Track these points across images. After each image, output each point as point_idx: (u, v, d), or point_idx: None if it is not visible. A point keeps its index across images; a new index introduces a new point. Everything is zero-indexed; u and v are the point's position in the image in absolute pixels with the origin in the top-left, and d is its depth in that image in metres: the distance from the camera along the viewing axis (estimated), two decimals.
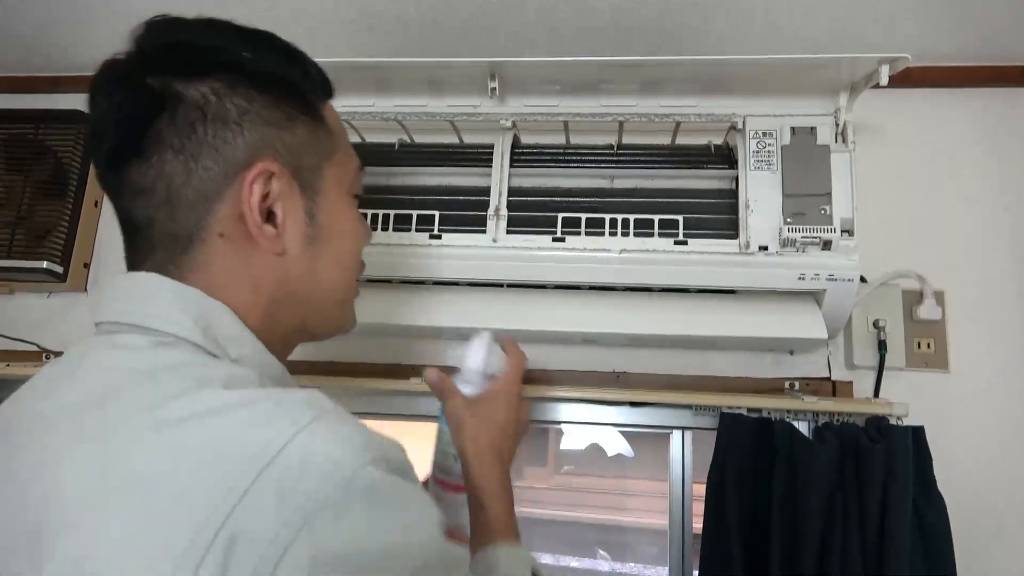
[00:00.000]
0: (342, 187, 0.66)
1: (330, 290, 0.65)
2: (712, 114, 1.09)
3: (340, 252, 0.65)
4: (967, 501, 1.12)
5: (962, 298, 1.24)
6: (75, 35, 1.42)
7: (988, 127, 1.30)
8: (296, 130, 0.60)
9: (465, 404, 0.84)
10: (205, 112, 0.56)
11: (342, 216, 0.65)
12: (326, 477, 0.43)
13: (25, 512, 0.47)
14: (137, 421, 0.46)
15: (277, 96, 0.60)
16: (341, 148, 0.67)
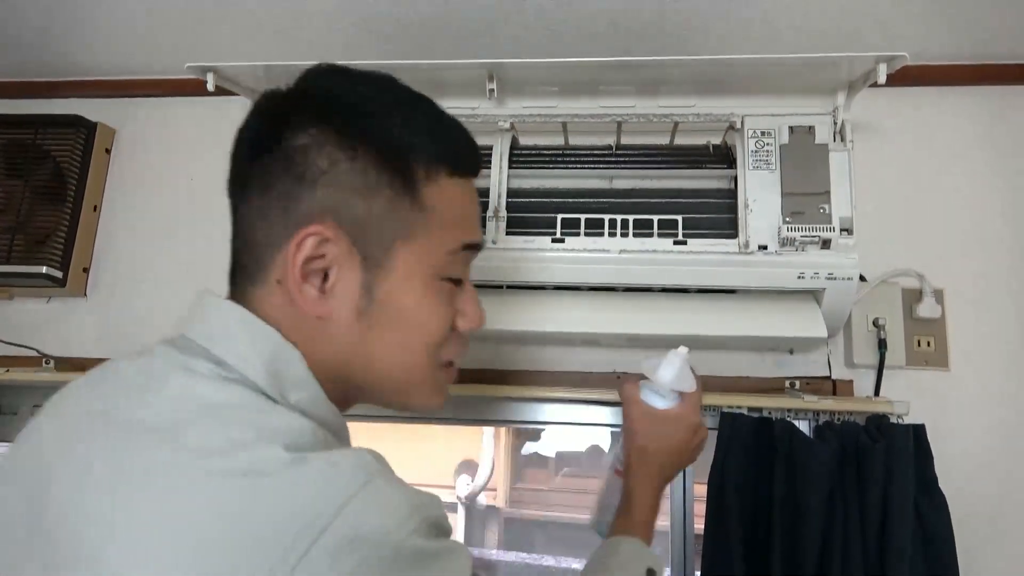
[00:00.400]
0: (421, 269, 0.59)
1: (390, 372, 0.61)
2: (710, 114, 1.09)
3: (405, 336, 0.60)
4: (968, 499, 1.12)
5: (962, 296, 1.24)
6: (74, 40, 1.42)
7: (987, 125, 1.31)
8: (375, 200, 0.57)
9: (644, 415, 0.84)
10: (289, 164, 0.57)
11: (413, 300, 0.59)
12: (376, 547, 0.45)
13: (43, 509, 0.48)
14: (199, 466, 0.46)
15: (365, 162, 0.57)
16: (435, 229, 0.60)
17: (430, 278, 0.60)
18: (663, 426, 0.84)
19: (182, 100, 1.52)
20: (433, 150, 0.60)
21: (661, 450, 0.83)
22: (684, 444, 0.84)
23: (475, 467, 2.93)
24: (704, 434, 0.87)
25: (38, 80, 1.57)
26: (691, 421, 0.84)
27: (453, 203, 0.61)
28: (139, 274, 1.46)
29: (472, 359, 1.29)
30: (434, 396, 0.65)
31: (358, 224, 0.57)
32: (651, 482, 0.83)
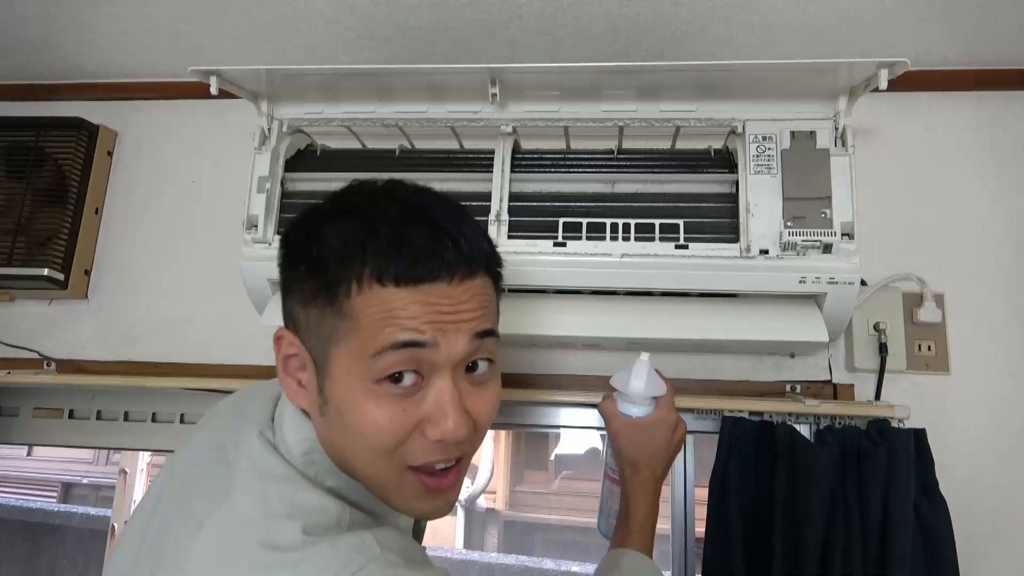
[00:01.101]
0: (353, 373, 0.61)
1: (361, 475, 0.64)
2: (712, 119, 1.09)
3: (355, 440, 0.62)
4: (969, 503, 1.13)
5: (962, 300, 1.24)
6: (76, 43, 1.42)
7: (987, 130, 1.31)
8: (311, 309, 0.63)
9: (626, 427, 0.90)
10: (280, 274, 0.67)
11: (351, 404, 0.61)
12: None
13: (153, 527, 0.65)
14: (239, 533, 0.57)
15: (304, 276, 0.63)
16: (357, 334, 0.60)
17: (364, 382, 0.60)
18: (645, 433, 0.89)
19: (184, 103, 1.53)
20: (356, 264, 0.60)
21: (649, 456, 0.89)
22: (667, 443, 0.90)
23: (475, 470, 2.93)
24: (683, 428, 0.92)
25: (40, 83, 1.57)
26: (669, 421, 0.90)
27: (379, 309, 0.60)
28: (140, 276, 1.46)
29: None
30: (413, 502, 0.64)
31: (304, 329, 0.64)
32: (645, 488, 0.89)
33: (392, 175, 1.14)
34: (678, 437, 0.92)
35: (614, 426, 0.91)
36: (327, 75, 1.10)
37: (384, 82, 1.12)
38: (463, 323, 0.62)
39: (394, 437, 0.61)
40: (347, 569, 0.53)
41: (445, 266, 0.61)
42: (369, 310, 0.60)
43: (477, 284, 0.64)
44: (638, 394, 0.88)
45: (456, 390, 0.62)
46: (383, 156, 1.20)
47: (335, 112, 1.16)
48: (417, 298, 0.60)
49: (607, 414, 0.92)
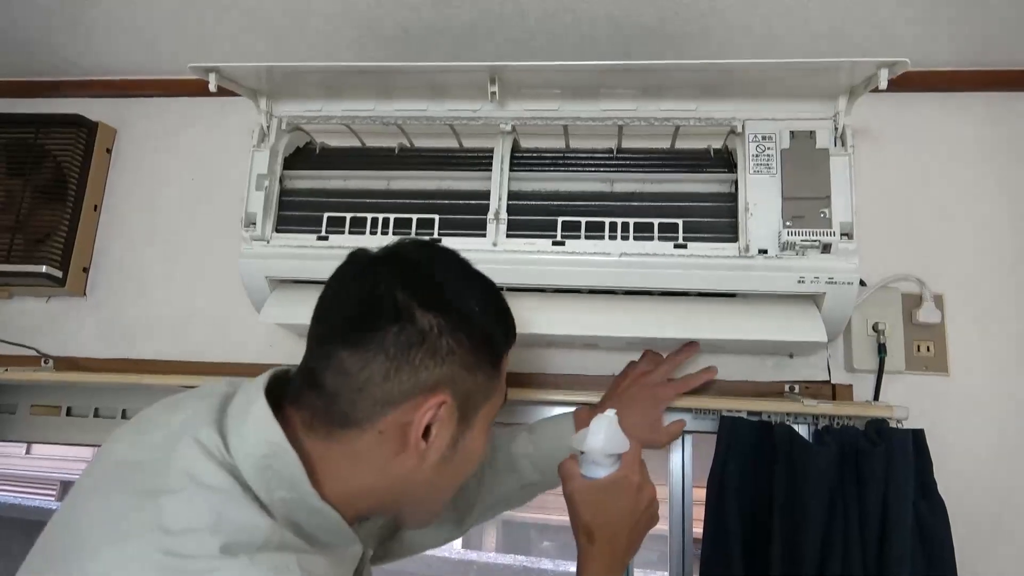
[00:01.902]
0: (488, 420, 0.76)
1: (440, 496, 0.77)
2: (711, 118, 1.09)
3: (463, 470, 0.75)
4: (967, 504, 1.12)
5: (961, 301, 1.24)
6: (75, 40, 1.42)
7: (987, 131, 1.31)
8: (478, 376, 0.72)
9: (581, 490, 0.83)
10: (424, 339, 0.67)
11: (479, 445, 0.75)
12: None
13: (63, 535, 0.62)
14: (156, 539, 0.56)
15: (478, 348, 0.71)
16: (499, 389, 0.77)
17: (489, 425, 0.76)
18: (603, 494, 0.82)
19: (183, 100, 1.52)
20: (507, 339, 0.77)
21: (606, 522, 0.81)
22: (630, 509, 0.82)
23: None
24: (651, 493, 0.84)
25: (39, 80, 1.57)
26: (631, 481, 0.82)
27: (503, 372, 0.77)
28: (139, 274, 1.46)
29: None
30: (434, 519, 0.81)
31: (466, 393, 0.71)
32: (600, 561, 0.81)
33: (392, 173, 1.15)
34: (644, 502, 0.83)
35: (568, 487, 0.83)
36: (327, 72, 1.10)
37: (384, 80, 1.11)
38: None
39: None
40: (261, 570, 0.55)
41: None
42: (503, 374, 0.77)
43: None
44: (596, 450, 0.82)
45: None
46: (382, 154, 1.20)
47: (334, 110, 1.16)
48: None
49: (564, 474, 0.85)
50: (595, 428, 0.83)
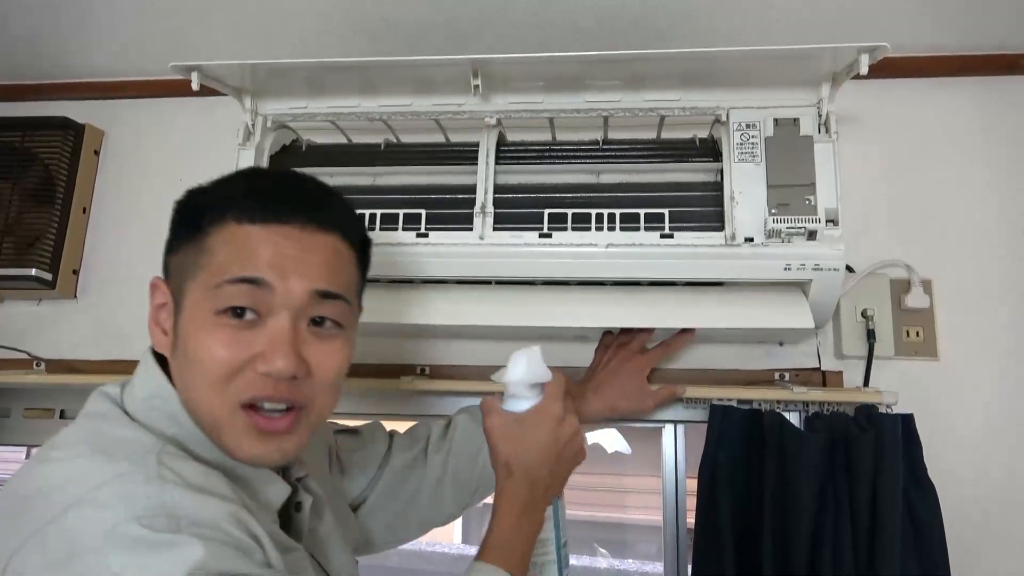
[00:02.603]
0: (202, 304, 0.66)
1: (195, 408, 0.66)
2: (696, 107, 1.09)
3: (191, 369, 0.66)
4: (957, 488, 1.13)
5: (950, 286, 1.24)
6: (61, 42, 1.42)
7: (972, 116, 1.31)
8: (178, 253, 0.70)
9: (500, 424, 0.79)
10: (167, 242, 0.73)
11: (194, 334, 0.66)
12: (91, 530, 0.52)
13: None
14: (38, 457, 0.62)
15: (179, 224, 0.72)
16: (210, 267, 0.67)
17: (208, 312, 0.65)
18: (522, 427, 0.79)
19: (170, 101, 1.52)
20: (221, 205, 0.69)
21: (523, 453, 0.78)
22: (550, 441, 0.78)
23: None
24: (573, 425, 0.81)
25: (25, 83, 1.56)
26: (552, 412, 0.79)
27: (232, 245, 0.67)
28: (129, 276, 1.46)
29: (461, 355, 1.30)
30: (245, 442, 0.65)
31: (170, 273, 0.71)
32: (516, 496, 0.76)
33: (378, 169, 1.15)
34: (565, 435, 0.80)
35: (487, 422, 0.80)
36: (311, 69, 1.09)
37: (368, 75, 1.11)
38: (306, 274, 0.67)
39: (227, 366, 0.64)
40: (108, 468, 0.56)
41: (297, 210, 0.69)
42: (224, 246, 0.67)
43: (329, 243, 0.70)
44: (515, 382, 0.78)
45: (292, 331, 0.66)
46: (368, 150, 1.20)
47: (319, 107, 1.16)
48: (267, 237, 0.67)
49: (483, 408, 0.82)
50: (515, 360, 0.80)
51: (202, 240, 0.68)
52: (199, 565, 0.52)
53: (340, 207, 0.75)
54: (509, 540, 0.75)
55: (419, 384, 1.22)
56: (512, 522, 0.76)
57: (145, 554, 0.52)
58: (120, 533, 0.52)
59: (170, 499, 0.55)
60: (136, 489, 0.55)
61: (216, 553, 0.53)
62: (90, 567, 0.51)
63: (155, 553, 0.52)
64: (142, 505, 0.54)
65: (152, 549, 0.52)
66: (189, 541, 0.53)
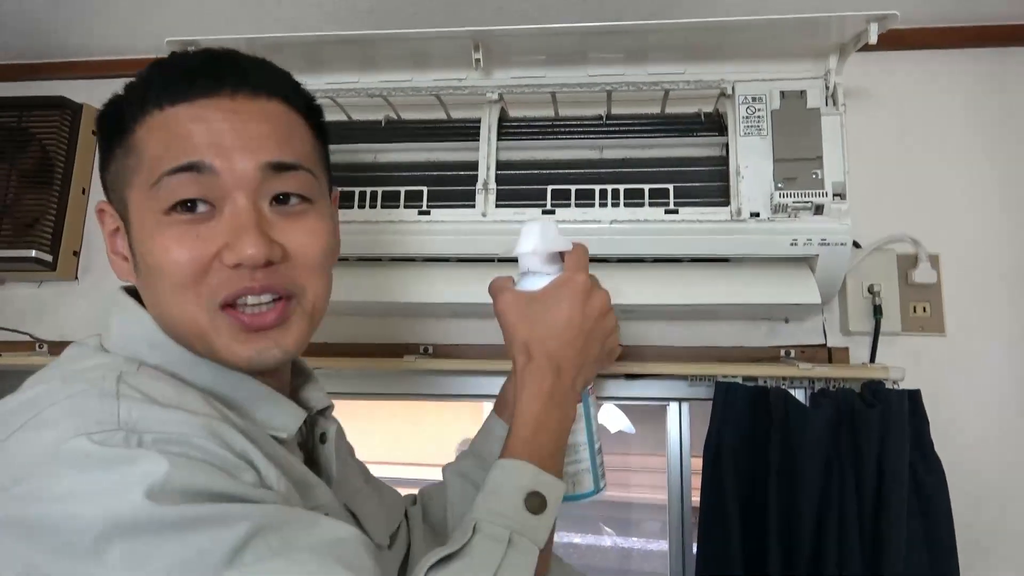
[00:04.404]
0: (146, 207, 0.59)
1: (174, 324, 0.60)
2: (701, 80, 1.07)
3: (157, 281, 0.59)
4: (964, 464, 1.12)
5: (957, 261, 1.23)
6: (57, 21, 1.40)
7: (980, 88, 1.29)
8: (111, 167, 0.62)
9: (514, 302, 0.67)
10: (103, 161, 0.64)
11: (149, 239, 0.59)
12: (35, 451, 0.47)
13: None
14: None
15: (101, 135, 0.63)
16: (143, 165, 0.59)
17: (155, 215, 0.58)
18: (541, 304, 0.67)
19: None
20: (138, 94, 0.60)
21: (547, 333, 0.65)
22: (578, 316, 0.66)
23: None
24: (602, 298, 0.70)
25: (22, 62, 1.54)
26: (576, 282, 0.68)
27: (161, 135, 0.59)
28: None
29: (464, 334, 1.29)
30: (233, 345, 0.59)
31: (110, 191, 0.63)
32: (541, 380, 0.64)
33: (378, 146, 1.14)
34: (595, 309, 0.68)
35: (498, 304, 0.68)
36: (308, 44, 1.08)
37: (366, 50, 1.10)
38: (249, 147, 0.59)
39: (191, 266, 0.58)
40: (61, 391, 0.51)
41: (223, 78, 0.60)
42: (151, 140, 0.59)
43: (270, 110, 0.62)
44: (529, 252, 0.67)
45: (253, 212, 0.58)
46: (369, 127, 1.18)
47: (318, 83, 1.14)
48: (196, 115, 0.59)
49: (493, 290, 0.70)
50: (527, 229, 0.69)
51: (129, 139, 0.60)
52: (162, 480, 0.45)
53: (274, 71, 0.65)
54: (534, 435, 0.62)
55: (422, 364, 1.21)
56: (536, 414, 0.63)
57: (97, 470, 0.45)
58: (68, 450, 0.46)
59: (128, 414, 0.49)
60: (88, 404, 0.49)
61: (183, 467, 0.46)
62: (34, 491, 0.45)
63: (109, 469, 0.45)
64: (94, 419, 0.48)
65: (106, 464, 0.45)
66: (149, 455, 0.46)
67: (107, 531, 0.43)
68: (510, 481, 0.59)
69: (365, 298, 1.12)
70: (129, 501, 0.44)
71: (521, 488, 0.59)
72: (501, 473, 0.60)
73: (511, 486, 0.59)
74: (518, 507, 0.58)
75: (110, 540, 0.43)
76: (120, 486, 0.44)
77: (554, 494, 0.60)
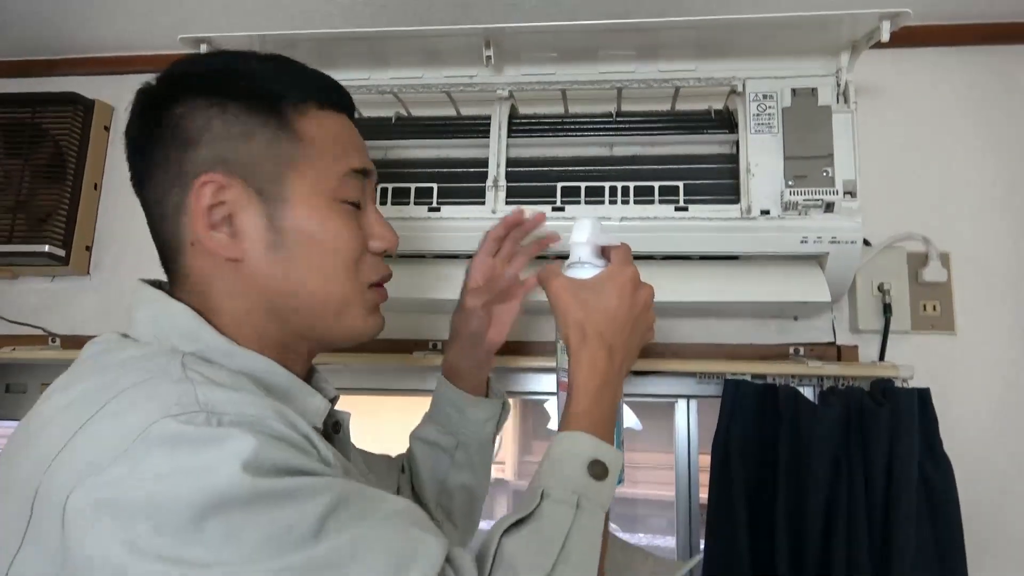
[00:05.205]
0: (317, 193, 0.64)
1: (317, 298, 0.64)
2: (711, 78, 1.07)
3: (320, 259, 0.64)
4: (973, 462, 1.12)
5: (968, 260, 1.22)
6: (70, 17, 1.41)
7: (991, 86, 1.28)
8: (254, 142, 0.63)
9: (568, 286, 0.72)
10: (172, 135, 0.62)
11: (317, 223, 0.64)
12: (121, 434, 0.47)
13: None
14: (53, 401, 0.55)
15: (236, 111, 0.63)
16: (318, 155, 0.65)
17: (328, 200, 0.65)
18: (593, 291, 0.72)
19: None
20: (298, 89, 0.65)
21: (601, 317, 0.70)
22: (625, 303, 0.71)
23: None
24: (649, 291, 0.75)
25: (34, 59, 1.56)
26: (626, 274, 0.73)
27: (329, 132, 0.67)
28: (141, 251, 1.44)
29: None
30: (368, 317, 0.69)
31: (244, 165, 0.62)
32: (596, 360, 0.69)
33: (389, 143, 1.14)
34: (641, 301, 0.73)
35: (553, 287, 0.73)
36: (320, 40, 1.08)
37: (378, 47, 1.10)
38: (368, 161, 0.71)
39: (356, 248, 0.67)
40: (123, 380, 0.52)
41: (350, 103, 0.73)
42: (322, 132, 0.66)
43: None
44: (582, 243, 0.74)
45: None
46: (379, 124, 1.18)
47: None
48: (347, 126, 0.70)
49: (544, 276, 0.74)
50: (580, 223, 0.75)
51: (287, 126, 0.64)
52: (253, 456, 0.47)
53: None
54: (591, 409, 0.67)
55: (431, 359, 1.22)
56: (593, 390, 0.67)
57: (189, 451, 0.46)
58: (157, 431, 0.47)
59: (204, 397, 0.50)
60: (163, 388, 0.51)
61: (268, 445, 0.48)
62: (128, 472, 0.45)
63: (201, 449, 0.46)
64: (174, 402, 0.49)
65: (196, 444, 0.47)
66: (237, 433, 0.48)
67: (205, 507, 0.45)
68: (574, 450, 0.64)
69: None
70: (226, 476, 0.46)
71: (584, 456, 0.63)
72: (565, 443, 0.65)
73: (575, 455, 0.63)
74: (583, 474, 0.62)
75: (206, 516, 0.45)
76: (215, 462, 0.46)
77: (615, 462, 0.64)
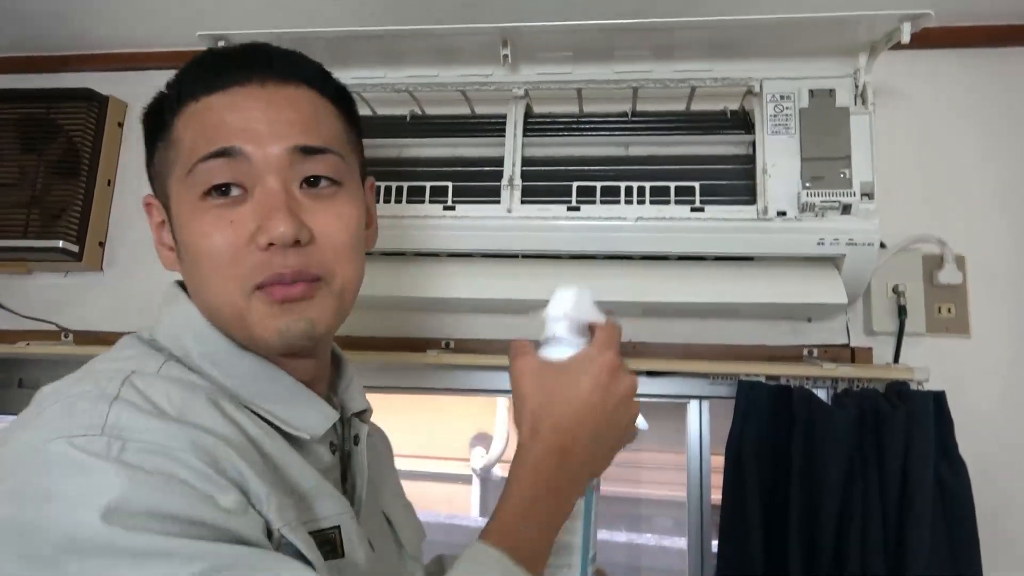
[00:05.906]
0: (184, 199, 0.61)
1: (218, 309, 0.60)
2: (728, 78, 1.07)
3: (197, 266, 0.60)
4: (989, 465, 1.11)
5: (983, 262, 1.22)
6: (85, 14, 1.41)
7: (1008, 87, 1.27)
8: (154, 161, 0.65)
9: (533, 368, 0.60)
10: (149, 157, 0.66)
11: (187, 225, 0.60)
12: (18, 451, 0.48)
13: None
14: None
15: (146, 133, 0.65)
16: (186, 153, 0.60)
17: (194, 198, 0.60)
18: (562, 375, 0.60)
19: None
20: (176, 88, 0.63)
21: (563, 409, 0.58)
22: (597, 395, 0.59)
23: (489, 439, 2.94)
24: (630, 382, 0.62)
25: (49, 55, 1.56)
26: (604, 358, 0.60)
27: (197, 125, 0.61)
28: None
29: (487, 329, 1.29)
30: (267, 321, 0.59)
31: (154, 182, 0.65)
32: (540, 460, 0.56)
33: (403, 141, 1.14)
34: (619, 392, 0.60)
35: (516, 367, 0.61)
36: (336, 38, 1.08)
37: (393, 45, 1.10)
38: (280, 132, 0.60)
39: (228, 248, 0.58)
40: (74, 388, 0.52)
41: (253, 68, 0.62)
42: (188, 130, 0.61)
43: (299, 96, 0.63)
44: (558, 317, 0.62)
45: (284, 194, 0.59)
46: (394, 122, 1.18)
47: (344, 78, 1.10)
48: (229, 103, 0.61)
49: (513, 351, 0.62)
50: (560, 295, 0.64)
51: (170, 133, 0.62)
52: (119, 499, 0.44)
53: (303, 60, 0.67)
54: (518, 523, 0.55)
55: (444, 358, 1.22)
56: (526, 499, 0.55)
57: (66, 477, 0.45)
58: (48, 452, 0.46)
59: (116, 419, 0.48)
60: (81, 406, 0.49)
61: (151, 486, 0.45)
62: (11, 490, 0.45)
63: (74, 477, 0.45)
64: (81, 423, 0.47)
65: (73, 471, 0.45)
66: (114, 469, 0.45)
67: (64, 545, 0.43)
68: (476, 574, 0.52)
69: (389, 292, 1.12)
70: (85, 518, 0.43)
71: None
72: (468, 564, 0.52)
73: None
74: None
75: (68, 553, 0.43)
76: (77, 498, 0.44)
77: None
